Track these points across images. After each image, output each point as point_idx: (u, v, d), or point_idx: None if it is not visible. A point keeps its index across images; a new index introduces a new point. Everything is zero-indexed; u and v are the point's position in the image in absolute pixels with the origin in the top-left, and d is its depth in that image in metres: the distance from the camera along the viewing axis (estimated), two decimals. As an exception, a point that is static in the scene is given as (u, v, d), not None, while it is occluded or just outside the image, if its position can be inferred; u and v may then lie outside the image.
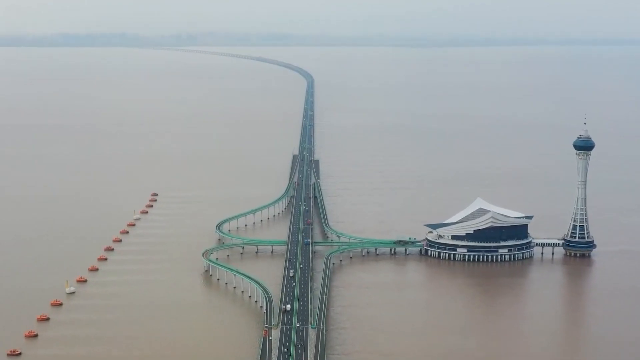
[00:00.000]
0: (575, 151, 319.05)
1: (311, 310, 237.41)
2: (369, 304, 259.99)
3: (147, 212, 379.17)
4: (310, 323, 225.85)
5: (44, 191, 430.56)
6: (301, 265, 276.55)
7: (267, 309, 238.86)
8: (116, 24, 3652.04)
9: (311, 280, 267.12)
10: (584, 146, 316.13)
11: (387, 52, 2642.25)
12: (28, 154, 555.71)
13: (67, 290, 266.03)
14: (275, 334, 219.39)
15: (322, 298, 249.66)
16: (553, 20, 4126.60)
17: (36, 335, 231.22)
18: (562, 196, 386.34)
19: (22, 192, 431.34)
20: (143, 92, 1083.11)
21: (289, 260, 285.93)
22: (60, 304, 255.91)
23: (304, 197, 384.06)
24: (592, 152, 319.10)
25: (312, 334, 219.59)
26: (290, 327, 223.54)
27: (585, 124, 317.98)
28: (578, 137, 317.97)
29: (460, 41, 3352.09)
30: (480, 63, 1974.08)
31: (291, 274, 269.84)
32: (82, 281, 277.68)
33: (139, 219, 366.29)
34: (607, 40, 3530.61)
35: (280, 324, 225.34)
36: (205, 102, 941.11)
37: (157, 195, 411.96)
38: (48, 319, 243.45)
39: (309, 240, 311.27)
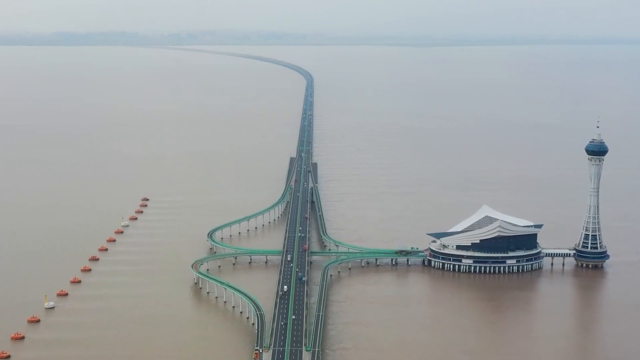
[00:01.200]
0: (587, 156, 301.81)
1: (306, 329, 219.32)
2: (372, 321, 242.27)
3: (136, 219, 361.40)
4: (305, 345, 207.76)
5: (29, 194, 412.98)
6: (293, 316, 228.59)
7: (258, 328, 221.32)
8: (116, 23, 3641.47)
9: (307, 296, 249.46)
10: (597, 151, 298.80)
11: (388, 51, 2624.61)
12: (16, 156, 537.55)
13: (46, 305, 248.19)
14: (266, 357, 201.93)
15: (319, 315, 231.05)
16: (561, 20, 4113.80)
17: (9, 357, 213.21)
18: (573, 203, 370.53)
19: (5, 196, 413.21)
20: (140, 92, 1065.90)
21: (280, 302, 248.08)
22: (38, 321, 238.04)
23: (300, 218, 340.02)
24: (605, 156, 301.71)
25: (306, 357, 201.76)
26: (283, 350, 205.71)
27: (598, 127, 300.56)
28: (590, 142, 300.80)
29: (462, 40, 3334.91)
30: (483, 62, 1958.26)
31: (285, 289, 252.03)
32: (63, 295, 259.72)
33: (128, 225, 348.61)
34: (612, 39, 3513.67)
35: (272, 346, 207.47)
36: (203, 102, 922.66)
37: (147, 200, 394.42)
38: (23, 337, 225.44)
39: (304, 276, 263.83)
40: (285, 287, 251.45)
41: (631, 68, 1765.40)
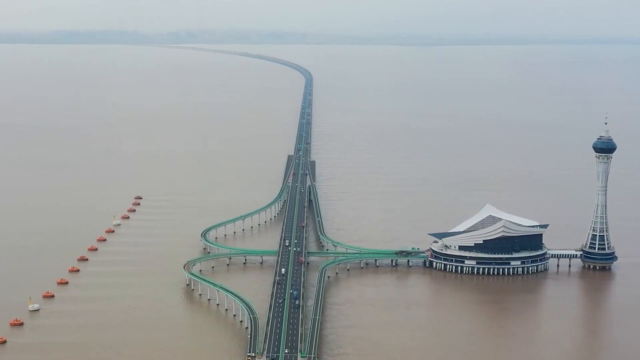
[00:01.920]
0: (594, 154, 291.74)
1: (301, 334, 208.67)
2: (372, 324, 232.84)
3: (128, 218, 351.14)
4: (300, 350, 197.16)
5: (21, 193, 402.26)
6: (286, 350, 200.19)
7: (251, 332, 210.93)
8: (115, 21, 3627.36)
9: (302, 298, 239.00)
10: (605, 148, 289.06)
11: (388, 51, 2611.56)
12: (11, 154, 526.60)
13: (30, 307, 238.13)
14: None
15: (315, 319, 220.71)
16: (561, 20, 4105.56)
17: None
18: (580, 203, 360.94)
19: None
20: (138, 91, 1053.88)
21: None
22: (21, 324, 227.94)
23: (296, 226, 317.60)
24: (613, 154, 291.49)
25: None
26: (277, 356, 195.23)
27: (606, 124, 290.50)
28: (598, 139, 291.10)
29: (462, 40, 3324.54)
30: (483, 62, 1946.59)
31: (283, 272, 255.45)
32: (49, 297, 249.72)
33: (119, 224, 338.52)
34: (612, 39, 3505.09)
35: (265, 352, 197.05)
36: (201, 100, 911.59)
37: (141, 198, 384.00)
38: (5, 342, 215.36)
39: (298, 297, 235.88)
40: (283, 270, 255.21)
41: (631, 68, 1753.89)
